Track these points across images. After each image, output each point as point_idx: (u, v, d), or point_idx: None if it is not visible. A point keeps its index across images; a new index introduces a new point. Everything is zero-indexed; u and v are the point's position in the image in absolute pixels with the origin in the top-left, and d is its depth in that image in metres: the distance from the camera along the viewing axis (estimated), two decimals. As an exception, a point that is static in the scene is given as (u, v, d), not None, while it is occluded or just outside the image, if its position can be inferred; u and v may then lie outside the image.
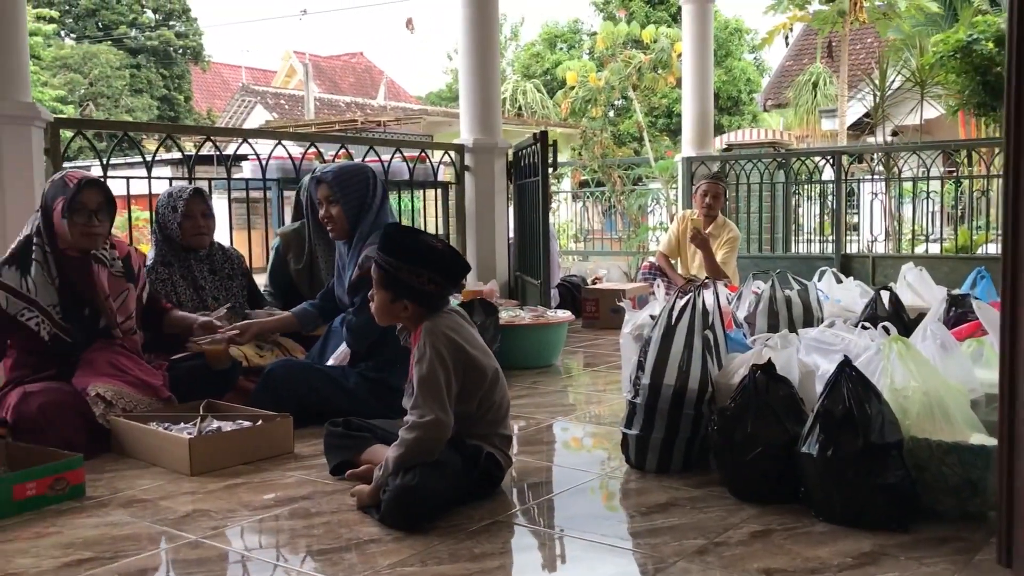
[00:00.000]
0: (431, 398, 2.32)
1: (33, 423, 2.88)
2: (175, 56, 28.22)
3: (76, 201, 3.08)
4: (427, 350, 2.35)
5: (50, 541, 2.23)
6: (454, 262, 2.47)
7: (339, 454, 2.66)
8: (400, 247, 2.42)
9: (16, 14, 3.54)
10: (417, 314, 2.44)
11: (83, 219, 3.10)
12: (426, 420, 2.30)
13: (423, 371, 2.34)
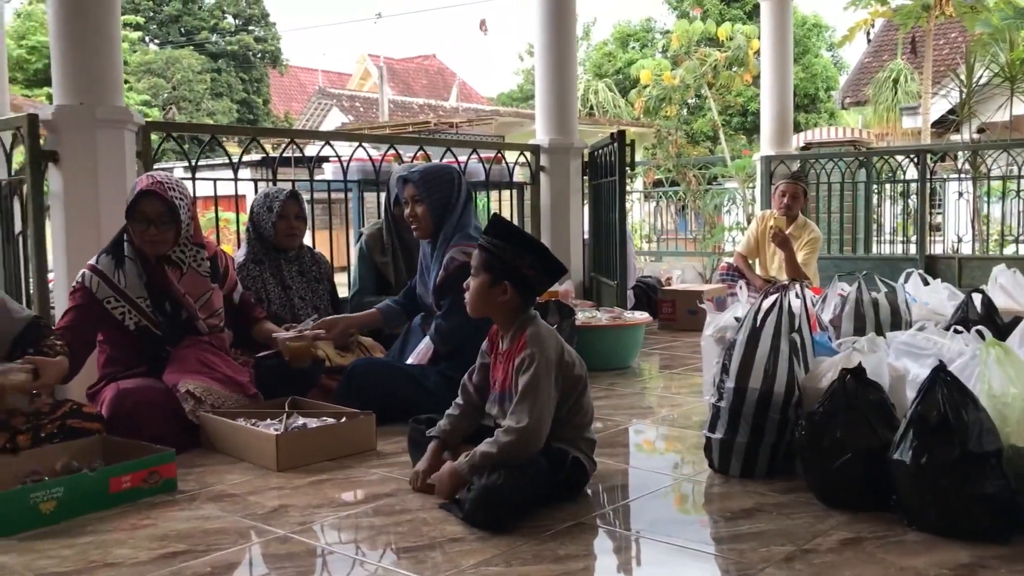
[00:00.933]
0: (533, 405, 2.34)
1: (127, 418, 2.97)
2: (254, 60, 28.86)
3: (134, 209, 3.15)
4: (534, 357, 2.37)
5: (145, 533, 2.30)
6: (554, 257, 2.51)
7: (423, 451, 2.68)
8: (506, 230, 2.50)
9: (111, 23, 3.66)
10: (514, 303, 2.45)
11: (142, 227, 3.16)
12: (523, 426, 2.32)
13: (528, 377, 2.36)
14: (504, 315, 2.50)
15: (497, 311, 2.50)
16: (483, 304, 2.50)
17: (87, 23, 3.61)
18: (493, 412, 2.53)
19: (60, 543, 2.23)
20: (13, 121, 3.74)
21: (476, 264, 2.50)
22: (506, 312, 2.48)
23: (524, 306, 2.48)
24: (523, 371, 2.38)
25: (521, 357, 2.40)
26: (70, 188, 3.60)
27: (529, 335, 2.43)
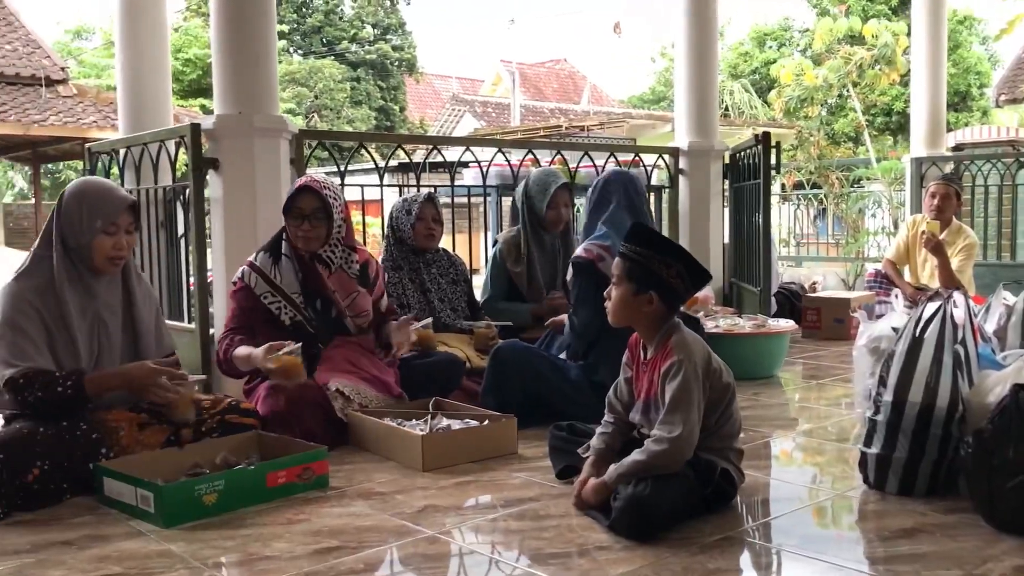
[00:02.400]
0: (683, 414, 2.29)
1: (281, 415, 3.08)
2: (391, 68, 29.60)
3: (292, 205, 3.29)
4: (681, 364, 2.33)
5: (300, 528, 2.37)
6: (698, 263, 2.45)
7: (564, 458, 2.67)
8: (649, 238, 2.45)
9: (268, 35, 3.82)
10: (659, 312, 2.41)
11: (296, 222, 3.30)
12: (675, 436, 2.27)
13: (677, 385, 2.31)
14: (648, 324, 2.45)
15: (641, 320, 2.46)
16: (627, 314, 2.46)
17: (246, 37, 3.77)
18: (636, 420, 2.49)
19: (222, 534, 2.33)
20: (178, 130, 3.95)
21: (618, 273, 2.46)
22: (651, 321, 2.44)
23: (669, 314, 2.44)
24: (671, 378, 2.34)
25: (668, 364, 2.36)
26: (229, 193, 3.77)
27: (675, 342, 2.38)
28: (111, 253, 2.79)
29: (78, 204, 2.79)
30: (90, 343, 2.79)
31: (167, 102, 4.65)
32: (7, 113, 12.10)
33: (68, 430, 2.65)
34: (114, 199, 2.83)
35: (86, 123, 12.43)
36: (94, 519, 2.47)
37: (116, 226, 2.79)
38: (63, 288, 2.75)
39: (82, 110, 12.79)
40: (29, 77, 13.16)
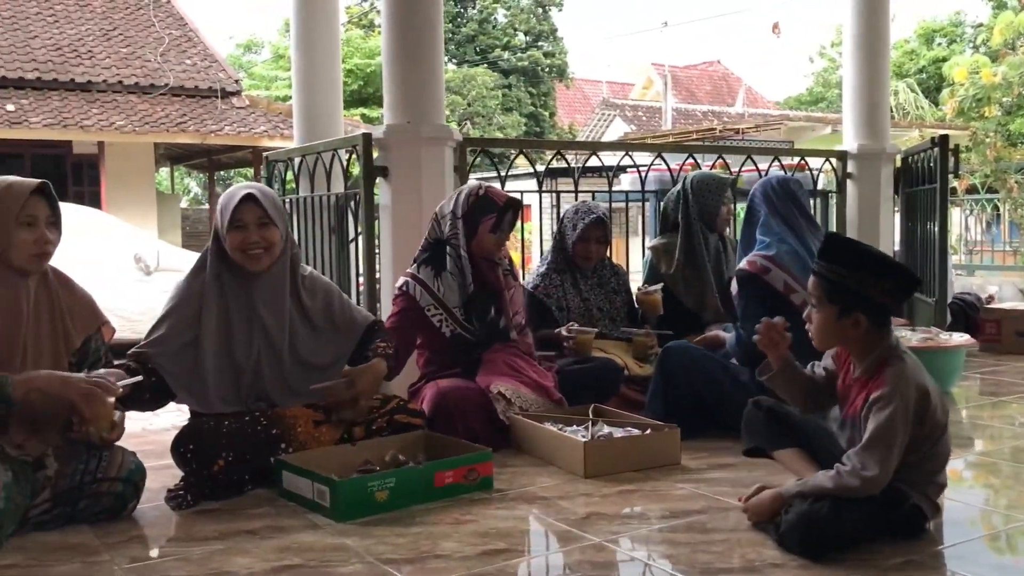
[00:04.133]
0: (881, 453, 2.13)
1: (446, 416, 3.15)
2: (542, 75, 29.85)
3: (504, 220, 3.43)
4: (893, 399, 2.14)
5: (468, 528, 2.42)
6: (904, 271, 2.27)
7: (756, 439, 2.57)
8: (845, 253, 2.24)
9: (435, 47, 3.93)
10: (868, 334, 2.22)
11: (504, 235, 3.47)
12: (869, 476, 2.12)
13: (882, 421, 2.14)
14: (859, 347, 2.27)
15: (850, 344, 2.29)
16: (833, 339, 2.30)
17: (414, 50, 3.88)
18: (838, 433, 2.39)
19: (393, 531, 2.40)
20: (350, 140, 4.11)
21: (817, 295, 2.27)
22: (861, 343, 2.26)
23: (879, 333, 2.23)
24: (877, 411, 2.15)
25: (878, 394, 2.17)
26: (397, 199, 3.89)
27: (891, 372, 2.18)
28: (242, 247, 2.90)
29: (218, 207, 2.98)
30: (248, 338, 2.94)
31: (338, 113, 4.84)
32: (186, 124, 12.92)
33: (250, 424, 2.79)
34: (236, 194, 2.90)
35: (257, 132, 13.12)
36: (274, 511, 2.60)
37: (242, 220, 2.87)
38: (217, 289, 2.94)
39: (253, 120, 13.52)
40: (206, 89, 14.03)
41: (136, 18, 15.41)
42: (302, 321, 3.04)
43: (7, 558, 2.23)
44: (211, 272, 2.93)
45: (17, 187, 2.49)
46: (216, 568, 2.16)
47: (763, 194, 3.40)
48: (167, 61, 14.27)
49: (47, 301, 2.58)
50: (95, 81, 13.40)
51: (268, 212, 2.89)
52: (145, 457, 2.67)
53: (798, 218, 3.36)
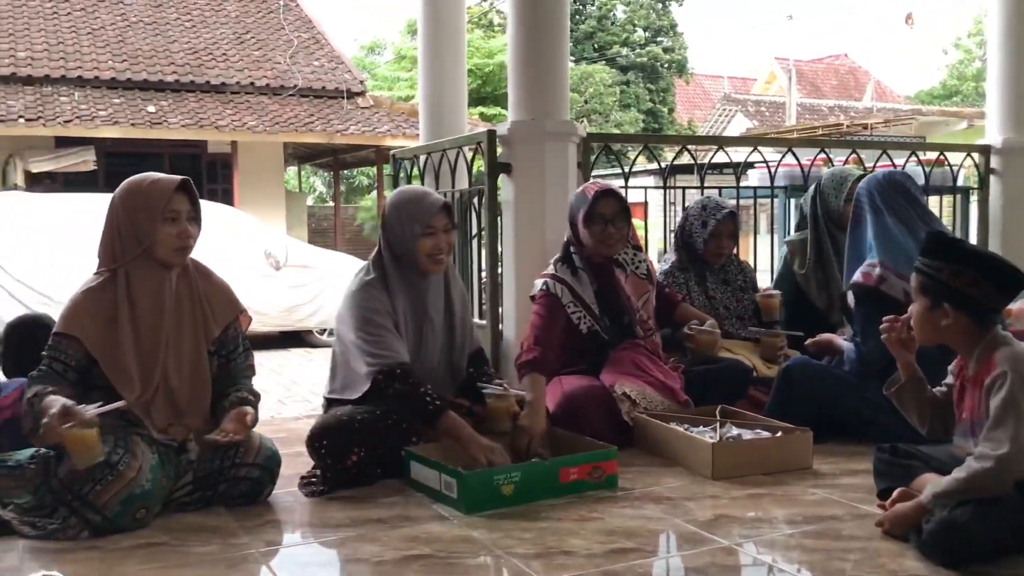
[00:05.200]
0: (1009, 429, 2.07)
1: (571, 413, 3.14)
2: (661, 71, 29.52)
3: (594, 211, 3.32)
4: (1006, 375, 2.12)
5: (593, 526, 2.40)
6: (1006, 269, 2.21)
7: (887, 480, 2.49)
8: (941, 248, 2.26)
9: (560, 44, 3.92)
10: (964, 326, 2.21)
11: (599, 227, 3.33)
12: (1000, 453, 2.06)
13: (1004, 396, 2.10)
14: (957, 340, 2.26)
15: (948, 337, 2.26)
16: (927, 331, 2.28)
17: (540, 46, 3.88)
18: (959, 444, 2.28)
19: (519, 525, 2.41)
20: (475, 137, 4.15)
21: (915, 288, 2.30)
22: (958, 337, 2.24)
23: (980, 328, 2.22)
24: (995, 392, 2.12)
25: (992, 377, 2.15)
26: (520, 196, 3.90)
27: (1000, 354, 2.17)
28: (431, 251, 2.95)
29: (397, 213, 3.00)
30: (418, 339, 2.99)
31: (463, 111, 4.89)
32: (314, 123, 13.34)
33: (381, 419, 2.83)
34: (428, 203, 2.99)
35: (381, 132, 13.43)
36: (402, 500, 2.64)
37: (433, 227, 2.96)
38: (394, 293, 2.96)
39: (377, 120, 13.85)
40: (333, 90, 14.45)
41: (267, 21, 16.00)
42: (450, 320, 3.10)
43: (155, 537, 2.34)
44: (392, 275, 2.97)
45: (161, 184, 2.61)
46: (348, 555, 2.22)
47: (868, 193, 3.22)
48: (296, 63, 14.77)
49: (188, 292, 2.70)
50: (229, 83, 13.98)
51: (454, 219, 3.01)
52: (277, 445, 2.75)
53: (909, 211, 3.17)
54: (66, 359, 2.50)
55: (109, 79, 13.36)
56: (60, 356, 2.50)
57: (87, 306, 2.54)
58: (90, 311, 2.54)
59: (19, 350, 3.16)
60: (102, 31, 14.48)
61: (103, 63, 13.62)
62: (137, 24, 14.93)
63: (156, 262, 2.61)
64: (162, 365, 2.57)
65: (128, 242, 2.57)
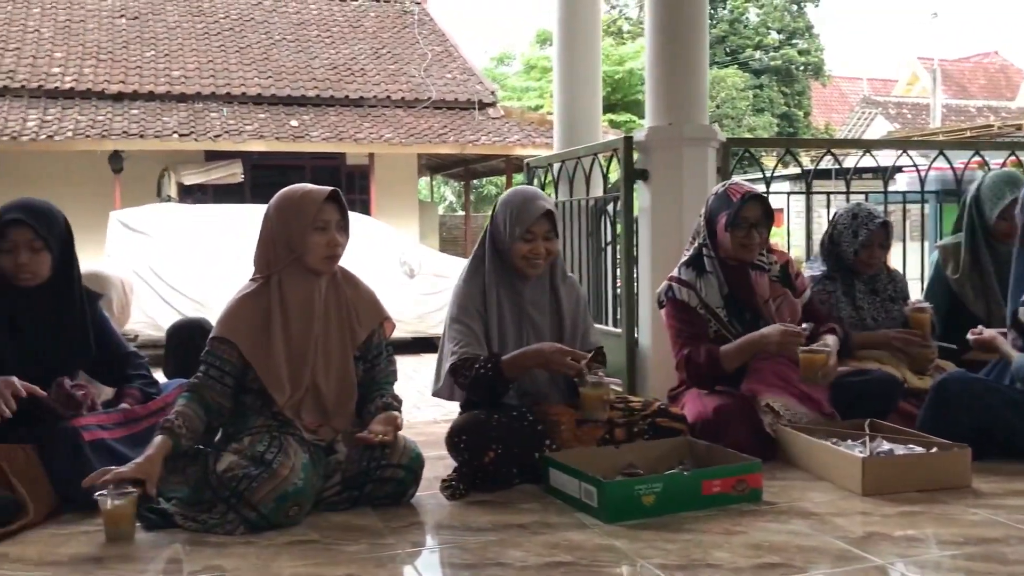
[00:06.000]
0: None
1: (708, 423, 3.08)
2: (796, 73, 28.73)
3: (739, 216, 3.24)
4: None
5: (739, 540, 2.34)
6: None
7: None
8: None
9: (699, 47, 3.87)
10: None
11: (743, 232, 3.25)
12: None
13: None
14: None
15: None
16: None
17: (678, 50, 3.85)
18: None
19: (661, 536, 2.38)
20: (611, 143, 4.14)
21: None
22: None
23: None
24: None
25: None
26: (657, 203, 3.86)
27: None
28: (527, 255, 2.96)
29: (503, 212, 3.03)
30: (518, 337, 3.01)
31: (597, 119, 4.90)
32: (447, 135, 13.60)
33: (516, 420, 2.87)
34: (532, 209, 2.98)
35: (511, 141, 13.58)
36: (541, 507, 2.65)
37: (532, 233, 2.97)
38: (492, 288, 3.00)
39: (508, 130, 14.00)
40: (465, 102, 14.71)
41: (403, 36, 16.44)
42: (558, 321, 3.09)
43: (306, 534, 2.43)
44: (490, 275, 3.02)
45: (312, 194, 2.71)
46: (491, 558, 2.24)
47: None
48: (430, 76, 15.10)
49: (336, 299, 2.79)
50: (366, 97, 14.43)
51: (555, 226, 3.01)
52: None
53: None
54: (221, 364, 2.63)
55: (255, 95, 14.00)
56: (216, 362, 2.63)
57: (242, 311, 2.67)
58: (245, 316, 2.66)
59: (180, 353, 3.35)
60: (248, 49, 15.20)
61: (249, 80, 14.29)
62: (281, 42, 15.60)
63: (307, 270, 2.71)
64: (311, 368, 2.67)
65: (281, 250, 2.69)
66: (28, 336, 2.78)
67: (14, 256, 2.72)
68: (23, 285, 2.76)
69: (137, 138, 12.20)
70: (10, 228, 2.72)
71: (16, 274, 2.74)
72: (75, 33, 14.77)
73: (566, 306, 3.11)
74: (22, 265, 2.73)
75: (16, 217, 2.72)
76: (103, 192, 12.03)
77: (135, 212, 8.93)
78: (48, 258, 2.77)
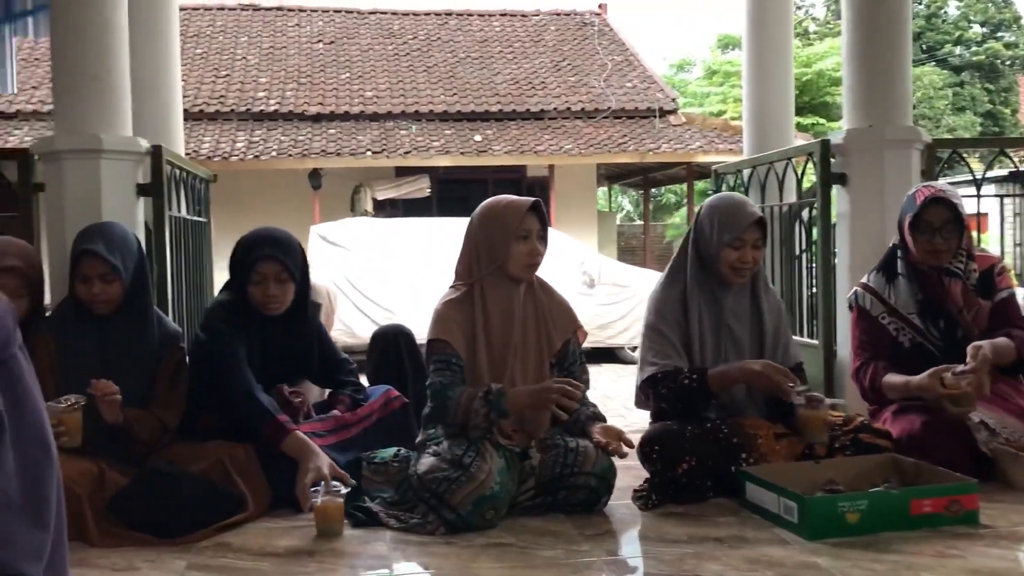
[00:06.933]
0: None
1: (916, 440, 2.91)
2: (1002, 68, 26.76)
3: (921, 219, 3.05)
4: None
5: (954, 564, 2.21)
6: None
7: None
8: None
9: (902, 45, 3.67)
10: None
11: (925, 236, 3.05)
12: None
13: None
14: None
15: None
16: None
17: (878, 49, 3.68)
18: None
19: (867, 555, 2.27)
20: (806, 147, 4.01)
21: None
22: None
23: None
24: None
25: None
26: (856, 209, 3.70)
27: None
28: (735, 264, 2.91)
29: (710, 218, 2.98)
30: (716, 347, 2.96)
31: (790, 122, 4.76)
32: (627, 144, 13.56)
33: (711, 432, 2.83)
34: (743, 215, 2.94)
35: (693, 148, 13.37)
36: (737, 521, 2.59)
37: (742, 240, 2.91)
38: (692, 296, 2.96)
39: (689, 137, 13.80)
40: (645, 110, 14.62)
41: (583, 48, 16.55)
42: (759, 333, 3.02)
43: (503, 537, 2.48)
44: (692, 283, 2.99)
45: (516, 205, 2.79)
46: (689, 571, 2.21)
47: None
48: (610, 86, 15.13)
49: (533, 307, 2.86)
50: (547, 110, 14.62)
51: (765, 234, 2.98)
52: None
53: None
54: (456, 360, 2.71)
55: (441, 112, 14.48)
56: (449, 358, 2.71)
57: (452, 315, 2.77)
58: (455, 320, 2.76)
59: (381, 359, 3.51)
60: (435, 68, 15.75)
61: (436, 98, 14.81)
62: (465, 60, 16.08)
63: (508, 278, 2.78)
64: (509, 374, 2.73)
65: (484, 258, 2.78)
66: (270, 354, 3.02)
67: (264, 287, 2.95)
68: (268, 314, 2.98)
69: (334, 156, 12.89)
70: (261, 263, 2.94)
71: (265, 304, 2.97)
72: (278, 59, 15.80)
73: (768, 317, 3.04)
74: (272, 296, 2.95)
75: (268, 253, 2.94)
76: (304, 208, 12.77)
77: (333, 226, 9.42)
78: (292, 288, 2.99)
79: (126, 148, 3.32)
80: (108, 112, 3.28)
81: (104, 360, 2.82)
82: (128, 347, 2.86)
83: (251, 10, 17.21)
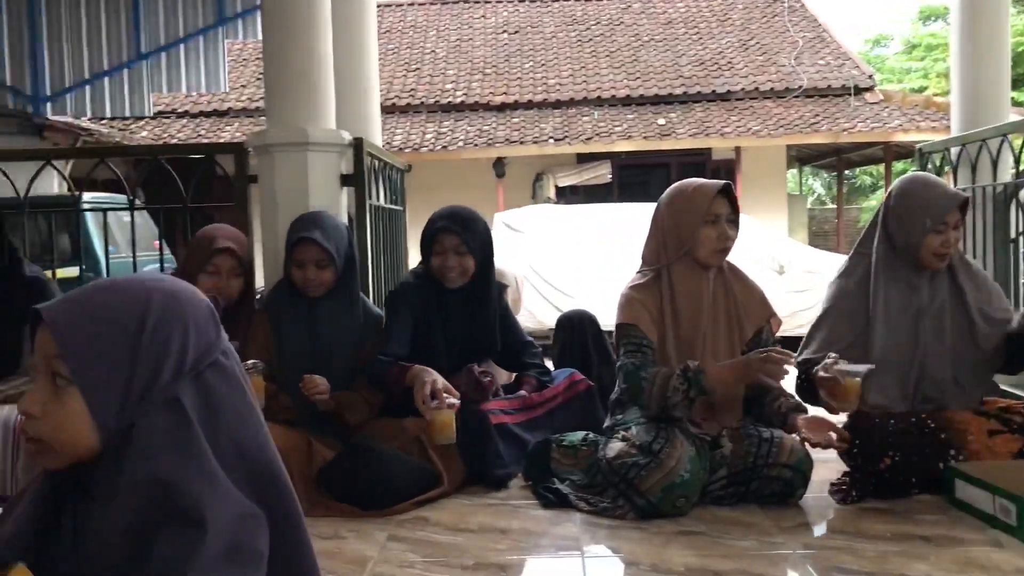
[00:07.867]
0: None
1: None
2: None
3: None
4: None
5: None
6: None
7: None
8: None
9: None
10: None
11: None
12: None
13: None
14: None
15: None
16: None
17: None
18: None
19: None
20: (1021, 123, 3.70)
21: None
22: None
23: None
24: None
25: None
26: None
27: None
28: (939, 250, 2.75)
29: (906, 203, 2.81)
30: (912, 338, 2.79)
31: (1005, 97, 4.39)
32: (819, 123, 13.00)
33: (916, 427, 2.68)
34: (945, 197, 2.77)
35: (891, 127, 12.64)
36: (946, 520, 2.45)
37: (945, 224, 2.74)
38: (879, 284, 2.81)
39: (887, 115, 13.06)
40: (839, 88, 13.96)
41: (771, 25, 15.98)
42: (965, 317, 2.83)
43: (693, 526, 2.46)
44: (879, 272, 2.85)
45: (705, 188, 2.74)
46: (892, 570, 2.11)
47: None
48: (800, 64, 14.53)
49: (724, 293, 2.80)
50: (733, 90, 14.23)
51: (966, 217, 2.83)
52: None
53: None
54: (647, 342, 2.71)
55: (624, 97, 14.39)
56: (641, 341, 2.70)
57: (640, 300, 2.76)
58: (643, 305, 2.75)
59: (566, 343, 3.55)
60: (618, 52, 15.66)
61: (618, 82, 14.72)
62: (649, 43, 15.88)
63: (696, 263, 2.74)
64: (700, 361, 2.69)
65: (672, 243, 2.75)
66: (453, 329, 3.12)
67: (443, 258, 3.08)
68: (449, 286, 3.10)
69: (518, 144, 13.09)
70: (441, 235, 3.07)
71: (443, 274, 3.09)
72: (464, 51, 16.19)
73: (971, 298, 2.85)
74: (449, 267, 3.07)
75: (444, 226, 3.07)
76: (488, 196, 13.04)
77: (516, 213, 9.56)
78: (472, 262, 3.09)
79: (331, 141, 3.50)
80: (314, 107, 3.47)
81: (314, 339, 3.01)
82: (336, 328, 3.04)
83: (439, 4, 17.71)
